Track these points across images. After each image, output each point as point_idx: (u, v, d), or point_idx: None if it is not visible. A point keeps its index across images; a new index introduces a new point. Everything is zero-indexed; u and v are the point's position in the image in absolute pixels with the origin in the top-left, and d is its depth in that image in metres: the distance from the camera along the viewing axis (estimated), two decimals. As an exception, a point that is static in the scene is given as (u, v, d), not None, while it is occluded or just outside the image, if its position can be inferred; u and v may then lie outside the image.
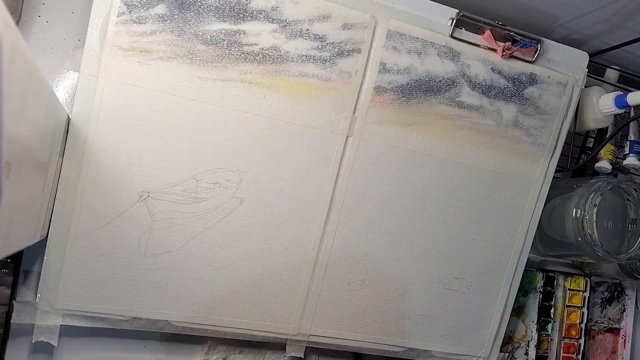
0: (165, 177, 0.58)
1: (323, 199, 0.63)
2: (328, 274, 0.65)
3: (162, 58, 0.56)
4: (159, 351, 0.66)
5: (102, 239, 0.57)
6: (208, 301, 0.62)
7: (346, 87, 0.62)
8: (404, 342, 0.70)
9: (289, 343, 0.67)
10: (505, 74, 0.67)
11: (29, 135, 0.37)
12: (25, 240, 0.45)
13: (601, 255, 0.68)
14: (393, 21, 0.62)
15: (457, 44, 0.65)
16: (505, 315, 0.73)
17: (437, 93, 0.65)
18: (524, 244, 0.72)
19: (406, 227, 0.67)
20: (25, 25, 0.59)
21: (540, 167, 0.70)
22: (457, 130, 0.66)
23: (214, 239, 0.61)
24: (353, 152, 0.63)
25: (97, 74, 0.55)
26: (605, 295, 0.88)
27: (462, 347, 0.73)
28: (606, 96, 0.70)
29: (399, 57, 0.63)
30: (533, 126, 0.69)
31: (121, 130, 0.56)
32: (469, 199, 0.68)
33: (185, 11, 0.56)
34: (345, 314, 0.67)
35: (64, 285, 0.57)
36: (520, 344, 0.81)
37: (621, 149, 0.79)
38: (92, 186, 0.56)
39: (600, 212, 0.68)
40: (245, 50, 0.58)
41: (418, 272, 0.69)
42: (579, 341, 0.83)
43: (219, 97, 0.58)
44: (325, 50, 0.60)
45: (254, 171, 0.61)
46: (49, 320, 0.58)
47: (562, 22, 0.71)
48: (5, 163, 0.29)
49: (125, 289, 0.59)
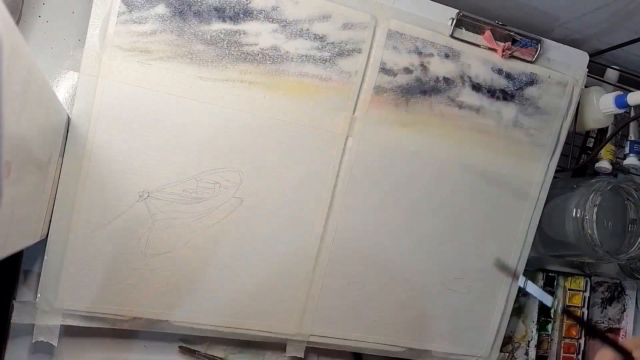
0: (166, 177, 0.58)
1: (323, 199, 0.63)
2: (328, 274, 0.65)
3: (162, 58, 0.56)
4: (159, 351, 0.66)
5: (102, 239, 0.57)
6: (208, 301, 0.62)
7: (346, 87, 0.62)
8: (404, 342, 0.70)
9: (289, 343, 0.67)
10: (505, 74, 0.67)
11: (29, 135, 0.37)
12: (25, 240, 0.45)
13: (601, 255, 0.68)
14: (393, 21, 0.62)
15: (457, 43, 0.65)
16: (505, 315, 0.73)
17: (437, 93, 0.65)
18: (524, 244, 0.72)
19: (406, 227, 0.67)
20: (25, 25, 0.59)
21: (540, 167, 0.70)
22: (457, 130, 0.66)
23: (214, 239, 0.61)
24: (353, 152, 0.63)
25: (97, 74, 0.55)
26: (605, 295, 0.88)
27: (462, 347, 0.73)
28: (606, 96, 0.70)
29: (399, 57, 0.63)
30: (533, 126, 0.69)
31: (121, 130, 0.56)
32: (469, 198, 0.68)
33: (185, 11, 0.56)
34: (345, 314, 0.67)
35: (64, 285, 0.57)
36: (521, 344, 0.81)
37: (621, 149, 0.79)
38: (92, 186, 0.56)
39: (600, 212, 0.68)
40: (245, 50, 0.58)
41: (418, 272, 0.69)
42: (579, 341, 0.83)
43: (219, 97, 0.58)
44: (326, 50, 0.60)
45: (254, 171, 0.61)
46: (49, 320, 0.58)
47: (562, 22, 0.71)
48: (5, 163, 0.29)
49: (125, 289, 0.59)
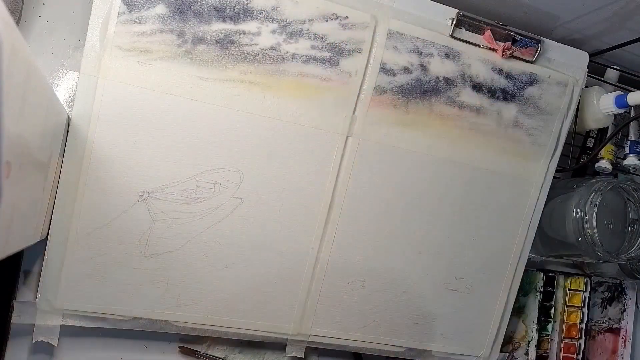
0: (166, 177, 0.58)
1: (323, 198, 0.63)
2: (328, 273, 0.65)
3: (162, 58, 0.56)
4: (159, 351, 0.66)
5: (102, 239, 0.57)
6: (208, 301, 0.62)
7: (346, 87, 0.62)
8: (404, 342, 0.70)
9: (289, 343, 0.67)
10: (505, 74, 0.67)
11: (29, 135, 0.37)
12: (25, 240, 0.45)
13: (601, 255, 0.68)
14: (393, 21, 0.62)
15: (458, 43, 0.65)
16: (506, 315, 0.73)
17: (437, 93, 0.65)
18: (524, 244, 0.72)
19: (406, 227, 0.67)
20: (25, 25, 0.59)
21: (541, 167, 0.70)
22: (457, 130, 0.66)
23: (214, 239, 0.61)
24: (353, 152, 0.63)
25: (97, 74, 0.55)
26: (605, 295, 0.88)
27: (462, 347, 0.73)
28: (606, 96, 0.70)
29: (399, 56, 0.63)
30: (533, 126, 0.69)
31: (121, 130, 0.56)
32: (469, 199, 0.68)
33: (186, 11, 0.56)
34: (345, 314, 0.67)
35: (64, 285, 0.57)
36: (521, 344, 0.81)
37: (621, 149, 0.79)
38: (92, 186, 0.56)
39: (600, 212, 0.68)
40: (245, 50, 0.58)
41: (418, 272, 0.69)
42: (579, 341, 0.83)
43: (219, 97, 0.58)
44: (326, 50, 0.60)
45: (254, 171, 0.61)
46: (49, 320, 0.58)
47: (562, 22, 0.71)
48: (5, 163, 0.29)
49: (125, 289, 0.59)
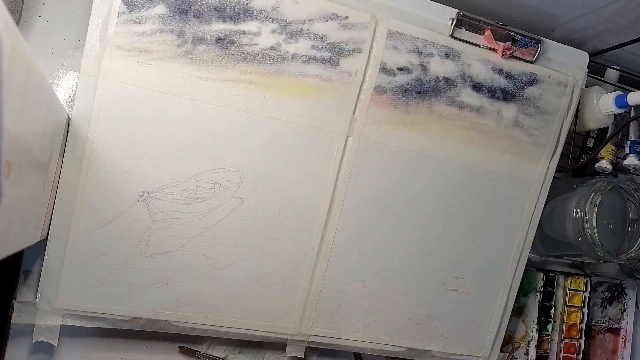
0: (166, 177, 0.58)
1: (323, 198, 0.63)
2: (328, 273, 0.65)
3: (162, 58, 0.56)
4: (159, 351, 0.66)
5: (102, 239, 0.57)
6: (208, 301, 0.62)
7: (346, 87, 0.62)
8: (404, 342, 0.70)
9: (289, 343, 0.67)
10: (505, 74, 0.67)
11: (29, 135, 0.37)
12: (25, 240, 0.45)
13: (601, 255, 0.68)
14: (393, 21, 0.62)
15: (458, 43, 0.65)
16: (506, 315, 0.73)
17: (437, 93, 0.65)
18: (524, 244, 0.72)
19: (406, 226, 0.67)
20: (25, 25, 0.59)
21: (541, 167, 0.70)
22: (457, 130, 0.66)
23: (214, 239, 0.61)
24: (353, 152, 0.63)
25: (97, 74, 0.55)
26: (605, 295, 0.88)
27: (462, 347, 0.73)
28: (606, 96, 0.70)
29: (399, 56, 0.63)
30: (533, 126, 0.69)
31: (121, 130, 0.56)
32: (469, 199, 0.68)
33: (186, 11, 0.56)
34: (345, 314, 0.67)
35: (64, 285, 0.57)
36: (521, 344, 0.81)
37: (621, 149, 0.79)
38: (92, 186, 0.56)
39: (600, 212, 0.68)
40: (245, 50, 0.58)
41: (418, 272, 0.69)
42: (580, 341, 0.83)
43: (219, 97, 0.58)
44: (326, 50, 0.60)
45: (254, 171, 0.61)
46: (49, 320, 0.58)
47: (562, 22, 0.71)
48: (6, 163, 0.29)
49: (125, 289, 0.59)
